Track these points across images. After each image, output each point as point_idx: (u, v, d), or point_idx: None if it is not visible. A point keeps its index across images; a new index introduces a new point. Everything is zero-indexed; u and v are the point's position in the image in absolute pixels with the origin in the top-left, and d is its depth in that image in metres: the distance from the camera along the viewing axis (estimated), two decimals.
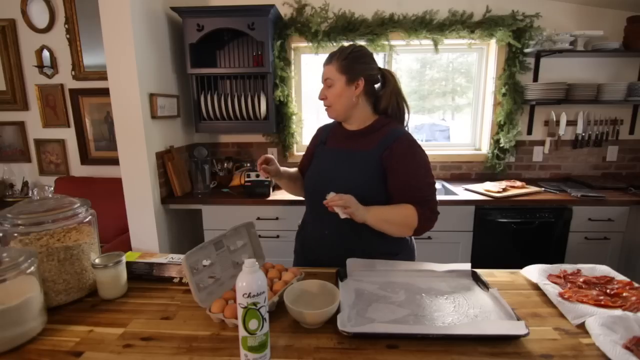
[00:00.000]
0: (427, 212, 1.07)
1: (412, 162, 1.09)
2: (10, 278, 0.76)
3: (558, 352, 0.74)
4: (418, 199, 1.07)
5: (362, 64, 1.12)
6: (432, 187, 1.11)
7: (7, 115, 2.73)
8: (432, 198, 1.10)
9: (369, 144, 1.12)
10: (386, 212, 1.07)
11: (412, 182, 1.08)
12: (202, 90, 2.38)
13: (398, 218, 1.07)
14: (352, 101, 1.13)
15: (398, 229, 1.09)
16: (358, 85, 1.11)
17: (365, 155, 1.12)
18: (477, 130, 2.73)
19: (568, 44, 2.26)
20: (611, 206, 2.08)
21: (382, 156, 1.09)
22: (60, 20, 2.55)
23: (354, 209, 1.02)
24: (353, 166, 1.13)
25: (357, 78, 1.11)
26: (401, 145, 1.09)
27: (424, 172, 1.10)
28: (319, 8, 2.44)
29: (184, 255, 0.89)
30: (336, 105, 1.15)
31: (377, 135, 1.13)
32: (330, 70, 1.12)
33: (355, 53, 1.12)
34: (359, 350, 0.75)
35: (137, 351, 0.76)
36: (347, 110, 1.15)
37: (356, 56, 1.11)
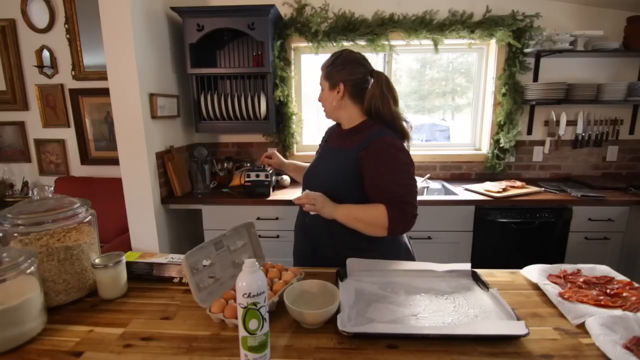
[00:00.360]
0: (397, 212, 1.08)
1: (386, 164, 1.11)
2: (10, 278, 0.76)
3: (558, 352, 0.74)
4: (389, 200, 1.10)
5: (342, 71, 1.19)
6: (406, 188, 1.11)
7: (7, 115, 2.73)
8: (405, 199, 1.10)
9: (351, 143, 1.18)
10: (356, 210, 1.12)
11: (384, 183, 1.11)
12: (202, 90, 2.38)
13: (367, 217, 1.11)
14: (335, 104, 1.22)
15: (368, 228, 1.12)
16: (339, 90, 1.20)
17: (345, 153, 1.18)
18: (477, 130, 2.73)
19: (568, 44, 2.26)
20: (611, 206, 2.08)
21: (358, 156, 1.14)
22: (60, 20, 2.55)
23: (319, 207, 1.12)
24: (333, 163, 1.21)
25: (337, 84, 1.20)
26: (377, 147, 1.12)
27: (399, 174, 1.11)
28: (319, 8, 2.44)
29: (184, 255, 0.89)
30: (325, 108, 1.27)
31: (360, 136, 1.18)
32: (321, 77, 1.25)
33: (337, 61, 1.20)
34: (359, 350, 0.75)
35: (137, 351, 0.76)
36: (332, 112, 1.26)
37: (337, 64, 1.20)
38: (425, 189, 2.25)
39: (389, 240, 1.20)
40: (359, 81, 1.19)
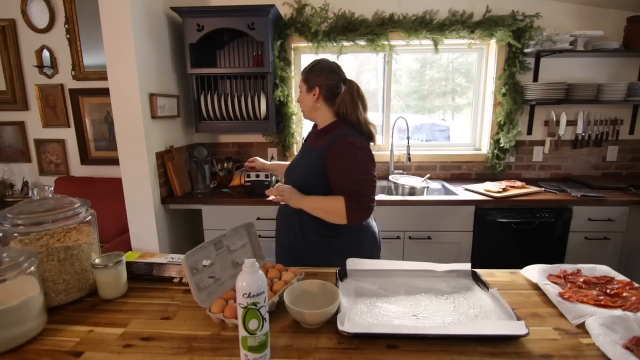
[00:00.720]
0: (354, 204, 1.21)
1: (345, 161, 1.25)
2: (10, 278, 0.76)
3: (558, 352, 0.74)
4: (347, 192, 1.23)
5: (319, 76, 1.33)
6: (363, 183, 1.24)
7: (7, 115, 2.73)
8: (361, 193, 1.23)
9: (321, 143, 1.32)
10: (319, 201, 1.27)
11: (343, 178, 1.25)
12: (202, 90, 2.38)
13: (328, 207, 1.25)
14: (311, 105, 1.36)
15: (329, 216, 1.26)
16: (315, 92, 1.33)
17: (315, 152, 1.32)
18: (477, 130, 2.73)
19: (568, 44, 2.26)
20: (611, 206, 2.08)
21: (323, 154, 1.28)
22: (60, 20, 2.55)
23: (287, 198, 1.29)
24: (306, 161, 1.37)
25: (313, 87, 1.33)
26: (339, 146, 1.25)
27: (357, 170, 1.25)
28: (319, 8, 2.44)
29: (184, 255, 0.89)
30: (302, 108, 1.42)
31: (329, 136, 1.31)
32: (300, 80, 1.39)
33: (315, 67, 1.35)
34: (359, 350, 0.75)
35: (137, 351, 0.76)
36: (309, 112, 1.39)
37: (315, 69, 1.34)
38: (425, 189, 2.25)
39: (354, 229, 1.33)
40: (332, 87, 1.33)
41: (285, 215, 1.41)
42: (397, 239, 2.15)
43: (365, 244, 1.37)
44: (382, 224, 2.12)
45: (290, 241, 1.39)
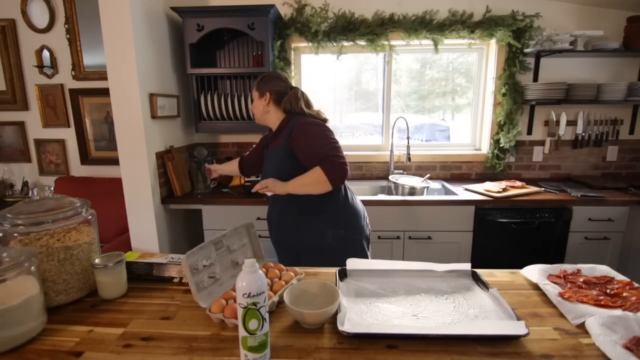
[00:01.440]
0: (328, 166, 1.32)
1: (307, 136, 1.38)
2: (11, 278, 0.76)
3: (558, 352, 0.74)
4: (320, 160, 1.33)
5: (269, 83, 1.51)
6: (328, 147, 1.34)
7: (7, 115, 2.73)
8: (331, 154, 1.33)
9: (281, 139, 1.46)
10: (301, 179, 1.37)
11: (310, 150, 1.36)
12: (202, 90, 2.38)
13: (311, 180, 1.35)
14: (263, 109, 1.52)
15: (316, 187, 1.36)
16: (266, 97, 1.50)
17: (279, 149, 1.45)
18: (477, 130, 2.73)
19: (568, 44, 2.26)
20: (611, 206, 2.08)
21: (288, 143, 1.41)
22: (60, 20, 2.55)
23: (272, 187, 1.40)
24: (273, 162, 1.49)
25: (264, 93, 1.50)
26: (297, 128, 1.40)
27: (318, 139, 1.36)
28: (319, 8, 2.44)
29: (184, 255, 0.89)
30: (255, 114, 1.57)
31: (285, 130, 1.46)
32: (253, 90, 1.56)
33: (265, 77, 1.54)
34: (359, 350, 0.75)
35: (137, 351, 0.76)
36: (261, 116, 1.54)
37: (265, 79, 1.53)
38: (425, 189, 2.25)
39: (338, 202, 1.47)
40: (281, 92, 1.50)
41: (273, 204, 1.57)
42: (397, 239, 2.15)
43: (351, 218, 1.50)
44: (382, 224, 2.13)
45: (287, 236, 1.52)
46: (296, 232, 1.48)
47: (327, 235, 1.44)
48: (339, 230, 1.45)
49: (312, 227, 1.45)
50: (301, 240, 1.47)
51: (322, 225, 1.45)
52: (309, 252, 1.45)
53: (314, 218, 1.45)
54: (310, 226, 1.45)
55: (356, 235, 1.50)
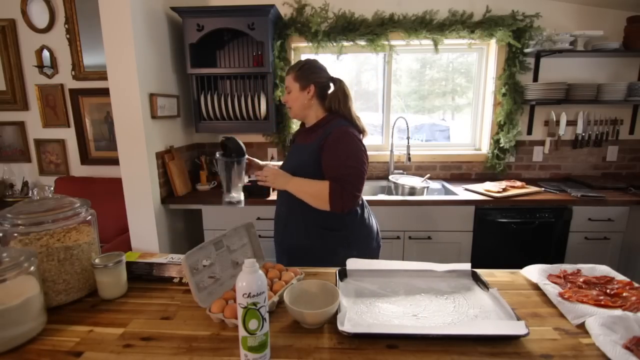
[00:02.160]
0: (338, 188, 1.23)
1: (338, 149, 1.28)
2: (11, 278, 0.76)
3: (558, 352, 0.74)
4: (335, 177, 1.25)
5: (312, 74, 1.36)
6: (350, 169, 1.26)
7: (7, 115, 2.73)
8: (348, 179, 1.25)
9: (314, 137, 1.35)
10: (305, 183, 1.30)
11: (333, 163, 1.27)
12: (202, 90, 2.38)
13: (312, 189, 1.28)
14: (305, 103, 1.37)
15: (313, 200, 1.28)
16: (309, 90, 1.35)
17: (309, 147, 1.34)
18: (477, 130, 2.73)
19: (568, 44, 2.26)
20: (611, 206, 2.08)
21: (320, 145, 1.30)
22: (60, 20, 2.55)
23: (271, 180, 1.32)
24: (298, 157, 1.39)
25: (307, 85, 1.35)
26: (333, 136, 1.29)
27: (346, 157, 1.27)
28: (319, 8, 2.44)
29: (184, 255, 0.89)
30: (294, 109, 1.39)
31: (323, 129, 1.34)
32: (288, 79, 1.38)
33: (305, 66, 1.36)
34: (359, 350, 0.75)
35: (137, 351, 0.76)
36: (301, 111, 1.39)
37: (306, 67, 1.36)
38: (425, 189, 2.25)
39: (353, 223, 1.37)
40: (324, 84, 1.37)
41: (284, 210, 1.44)
42: (397, 239, 2.15)
43: (363, 240, 1.42)
44: (382, 224, 2.12)
45: (293, 239, 1.41)
46: (305, 240, 1.37)
47: (339, 253, 1.30)
48: (352, 250, 1.30)
49: (324, 242, 1.34)
50: (310, 249, 1.35)
51: (334, 241, 1.35)
52: (314, 262, 1.23)
53: (327, 233, 1.35)
54: (322, 240, 1.35)
55: (367, 256, 1.29)
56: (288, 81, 1.38)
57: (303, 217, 1.36)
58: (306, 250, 1.37)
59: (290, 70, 1.39)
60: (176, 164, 2.25)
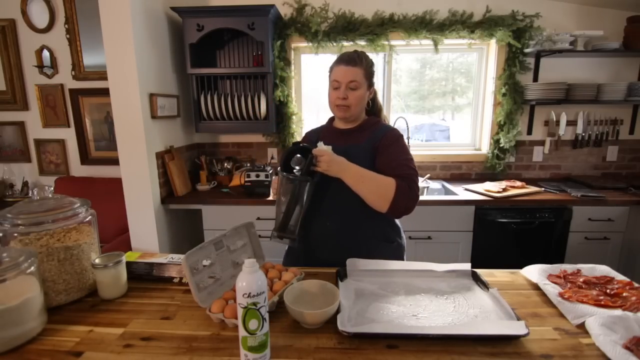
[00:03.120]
0: (405, 186, 1.10)
1: (398, 147, 1.19)
2: (10, 278, 0.76)
3: (558, 352, 0.74)
4: (400, 174, 1.13)
5: (375, 73, 1.24)
6: (413, 172, 1.16)
7: (7, 115, 2.73)
8: (412, 178, 1.14)
9: (360, 139, 1.22)
10: (367, 174, 1.12)
11: (396, 162, 1.15)
12: (202, 90, 2.38)
13: (376, 183, 1.11)
14: (364, 105, 1.24)
15: (373, 195, 1.11)
16: (372, 92, 1.26)
17: (359, 148, 1.21)
18: (477, 130, 2.73)
19: (568, 44, 2.26)
20: (611, 206, 2.08)
21: (374, 146, 1.19)
22: (60, 20, 2.55)
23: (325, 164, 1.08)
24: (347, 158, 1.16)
25: (372, 85, 1.24)
26: (391, 135, 1.21)
27: (407, 159, 1.17)
28: (319, 8, 2.44)
29: (184, 255, 0.89)
30: (356, 108, 1.21)
31: (368, 132, 1.23)
32: (357, 73, 1.18)
33: (373, 63, 1.23)
34: (359, 350, 0.75)
35: (137, 351, 0.76)
36: (360, 112, 1.25)
37: (371, 65, 1.22)
38: (426, 189, 2.25)
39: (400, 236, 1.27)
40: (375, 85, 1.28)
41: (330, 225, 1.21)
42: None
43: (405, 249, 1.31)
44: None
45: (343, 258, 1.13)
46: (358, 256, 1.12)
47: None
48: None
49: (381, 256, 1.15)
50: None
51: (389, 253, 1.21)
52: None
53: (384, 245, 1.22)
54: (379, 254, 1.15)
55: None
56: (356, 75, 1.17)
57: (359, 230, 1.19)
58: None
59: (357, 62, 1.18)
60: (176, 164, 2.25)
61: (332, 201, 1.19)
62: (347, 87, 1.18)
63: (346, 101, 1.19)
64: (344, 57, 1.20)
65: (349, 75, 1.17)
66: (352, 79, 1.17)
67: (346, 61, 1.18)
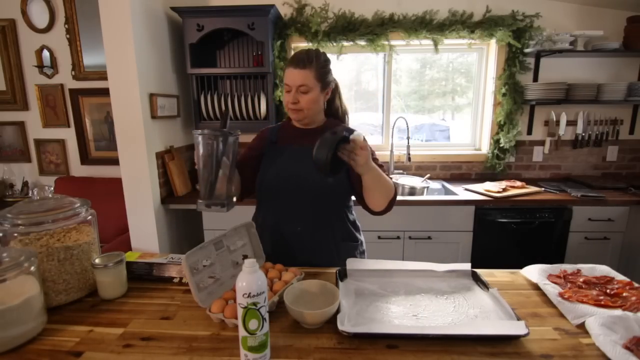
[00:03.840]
0: (396, 192, 1.15)
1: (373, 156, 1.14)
2: (11, 278, 0.76)
3: (558, 352, 0.74)
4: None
5: (330, 72, 1.18)
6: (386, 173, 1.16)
7: (7, 115, 2.73)
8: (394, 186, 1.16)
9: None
10: (382, 172, 1.10)
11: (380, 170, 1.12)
12: (202, 90, 2.38)
13: (387, 182, 1.11)
14: (321, 106, 1.20)
15: (382, 193, 1.11)
16: (328, 92, 1.19)
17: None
18: (477, 130, 2.73)
19: (568, 44, 2.26)
20: (611, 206, 2.08)
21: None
22: (60, 20, 2.55)
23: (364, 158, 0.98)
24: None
25: (328, 85, 1.18)
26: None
27: (376, 157, 1.17)
28: (319, 8, 2.44)
29: (184, 255, 0.89)
30: (309, 111, 1.16)
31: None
32: (307, 76, 1.12)
33: (327, 61, 1.17)
34: (359, 350, 0.75)
35: (137, 351, 0.76)
36: (316, 115, 1.20)
37: (326, 64, 1.17)
38: (425, 189, 2.25)
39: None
40: (336, 84, 1.24)
41: (301, 229, 1.20)
42: (397, 239, 2.15)
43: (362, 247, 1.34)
44: (382, 224, 2.13)
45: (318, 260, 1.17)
46: (330, 258, 1.18)
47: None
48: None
49: (348, 255, 1.17)
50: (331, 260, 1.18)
51: (354, 253, 1.25)
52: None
53: (350, 245, 1.24)
54: (347, 254, 1.18)
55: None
56: (304, 79, 1.11)
57: (330, 233, 1.20)
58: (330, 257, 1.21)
59: (307, 64, 1.12)
60: (176, 164, 2.25)
61: (303, 207, 1.17)
62: (297, 91, 1.13)
63: (298, 105, 1.15)
64: (294, 58, 1.15)
65: (298, 79, 1.12)
66: (301, 83, 1.12)
67: (295, 63, 1.13)
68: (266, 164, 1.24)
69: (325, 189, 1.16)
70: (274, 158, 1.23)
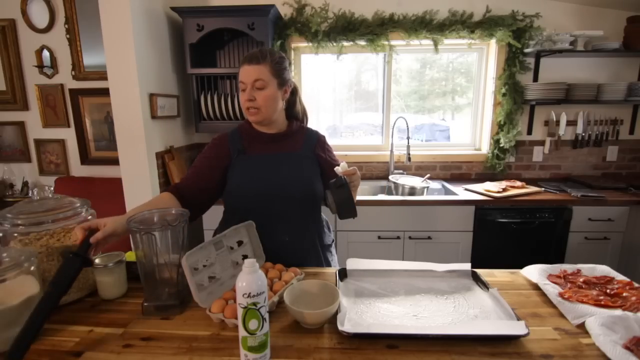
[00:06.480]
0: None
1: (331, 150, 1.28)
2: (11, 278, 0.76)
3: (558, 352, 0.74)
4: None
5: (287, 70, 1.17)
6: None
7: (7, 115, 2.73)
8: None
9: (296, 145, 1.21)
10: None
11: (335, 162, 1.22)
12: (202, 90, 2.38)
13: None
14: (279, 105, 1.17)
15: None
16: (286, 91, 1.18)
17: (300, 155, 1.20)
18: (477, 130, 2.73)
19: (568, 44, 2.26)
20: (611, 206, 2.08)
21: (315, 153, 1.23)
22: (60, 20, 2.55)
23: (358, 180, 1.10)
24: (296, 166, 1.18)
25: (286, 83, 1.17)
26: (323, 139, 1.28)
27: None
28: (319, 8, 2.44)
29: (184, 256, 0.89)
30: (267, 109, 1.13)
31: (299, 137, 1.23)
32: (262, 71, 1.09)
33: (282, 58, 1.16)
34: (359, 350, 0.75)
35: (137, 351, 0.76)
36: (273, 114, 1.16)
37: (283, 62, 1.16)
38: (425, 189, 2.25)
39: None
40: (293, 84, 1.23)
41: (289, 239, 1.20)
42: (397, 239, 2.15)
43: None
44: (382, 224, 2.13)
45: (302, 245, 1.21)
46: (314, 263, 1.22)
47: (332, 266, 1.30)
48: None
49: (325, 259, 1.27)
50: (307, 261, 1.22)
51: (328, 255, 1.31)
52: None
53: (325, 248, 1.30)
54: (324, 258, 1.27)
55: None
56: (259, 74, 1.09)
57: (312, 239, 1.23)
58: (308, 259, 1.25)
59: (261, 59, 1.10)
60: (176, 164, 2.25)
61: (289, 215, 1.17)
62: (253, 88, 1.10)
63: (254, 103, 1.11)
64: (247, 56, 1.12)
65: (253, 74, 1.09)
66: (256, 78, 1.09)
67: (249, 60, 1.10)
68: (237, 174, 1.18)
69: (308, 194, 1.18)
70: (246, 169, 1.18)
